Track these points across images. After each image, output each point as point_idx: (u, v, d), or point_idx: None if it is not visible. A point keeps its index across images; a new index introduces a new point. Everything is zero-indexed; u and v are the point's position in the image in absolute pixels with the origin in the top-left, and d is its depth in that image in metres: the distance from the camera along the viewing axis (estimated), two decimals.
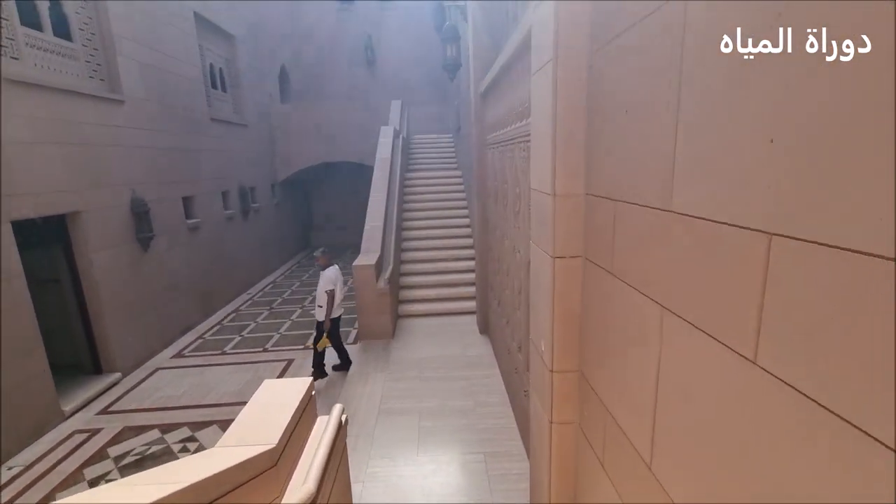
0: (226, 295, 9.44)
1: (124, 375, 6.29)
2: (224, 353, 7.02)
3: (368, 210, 7.25)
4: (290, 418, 2.19)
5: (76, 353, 6.17)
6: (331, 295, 5.50)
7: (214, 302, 8.96)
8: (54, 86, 5.41)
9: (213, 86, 9.83)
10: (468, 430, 4.42)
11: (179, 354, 7.07)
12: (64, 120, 5.57)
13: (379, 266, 6.71)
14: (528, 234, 3.34)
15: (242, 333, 7.83)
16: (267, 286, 10.90)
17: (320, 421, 2.70)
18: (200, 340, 7.61)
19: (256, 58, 12.02)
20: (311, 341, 6.51)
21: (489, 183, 5.74)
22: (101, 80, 6.45)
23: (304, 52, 15.00)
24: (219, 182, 9.45)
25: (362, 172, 12.36)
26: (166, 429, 5.02)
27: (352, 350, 6.50)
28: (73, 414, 5.38)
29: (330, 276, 5.54)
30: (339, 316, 5.78)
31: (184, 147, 8.16)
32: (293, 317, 8.58)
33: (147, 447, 4.72)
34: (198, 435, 4.88)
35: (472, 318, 7.22)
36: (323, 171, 14.86)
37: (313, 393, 2.67)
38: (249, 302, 9.67)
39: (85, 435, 4.94)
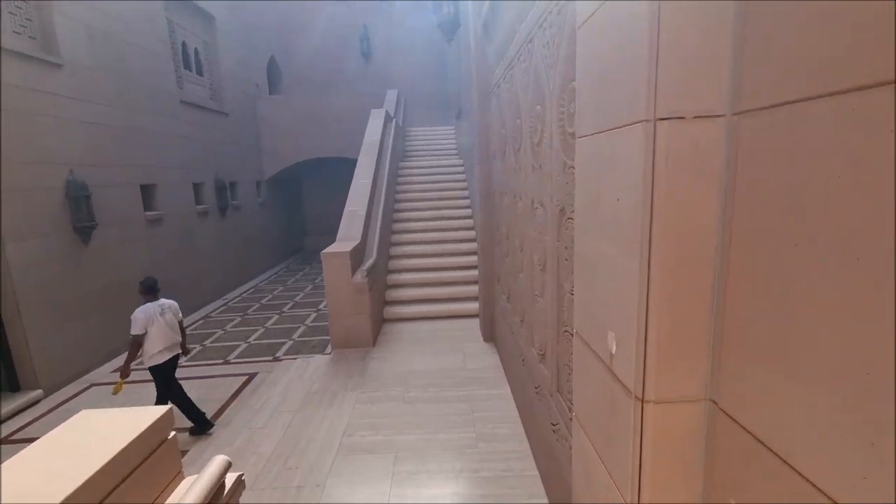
0: (195, 299, 8.31)
1: (48, 393, 5.14)
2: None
3: (350, 194, 6.14)
4: (91, 473, 1.04)
5: None
6: (135, 342, 4.07)
7: (182, 306, 7.80)
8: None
9: (187, 66, 8.85)
10: (467, 479, 3.11)
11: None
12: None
13: (357, 257, 5.58)
14: (556, 170, 2.18)
15: (205, 343, 6.68)
16: (247, 291, 9.77)
17: (187, 483, 1.53)
18: None
19: (243, 45, 11.09)
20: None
21: (494, 138, 4.58)
22: (32, 37, 5.43)
23: (296, 43, 14.12)
24: (189, 172, 8.40)
25: None
26: None
27: (319, 362, 5.31)
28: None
29: (139, 318, 4.03)
30: (168, 362, 4.25)
31: (143, 128, 7.12)
32: (268, 323, 7.42)
33: None
34: None
35: (475, 323, 6.03)
36: (316, 172, 13.85)
37: (171, 434, 1.51)
38: (223, 308, 8.54)
39: None
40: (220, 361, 5.94)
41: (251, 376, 5.38)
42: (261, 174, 11.85)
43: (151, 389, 4.40)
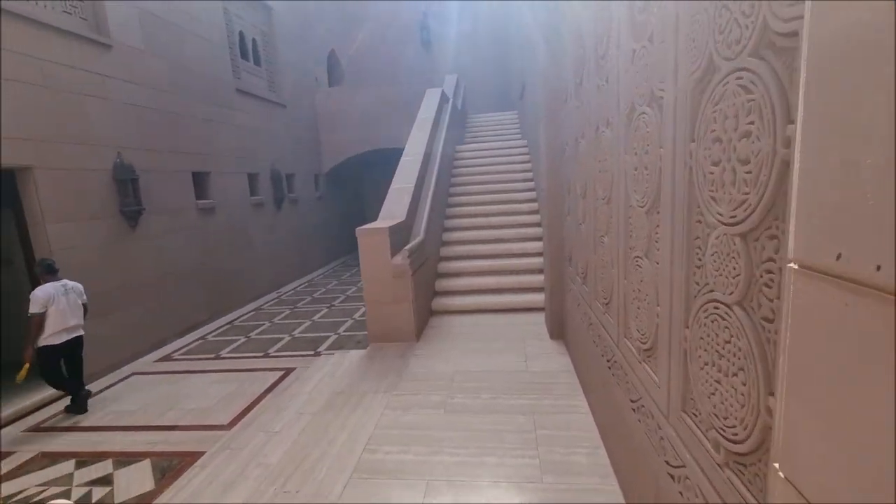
0: (249, 291, 8.14)
1: (87, 382, 4.97)
2: (218, 358, 5.55)
3: (397, 171, 5.50)
4: None
5: None
6: (35, 321, 3.88)
7: (233, 298, 7.67)
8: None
9: (244, 56, 8.77)
10: None
11: (167, 357, 5.70)
12: (21, 53, 4.44)
13: (400, 236, 4.92)
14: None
15: (250, 335, 6.36)
16: (301, 285, 9.54)
17: None
18: (200, 342, 6.23)
19: (301, 37, 10.99)
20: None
21: (568, 65, 3.65)
22: (83, 18, 5.37)
23: (355, 34, 13.95)
24: (244, 162, 8.27)
25: None
26: (86, 460, 3.49)
27: (354, 358, 4.68)
28: (6, 425, 4.08)
29: (38, 297, 3.90)
30: (63, 344, 4.07)
31: (196, 115, 7.01)
32: (315, 316, 7.00)
33: (44, 487, 3.21)
34: (119, 474, 3.28)
35: (540, 318, 5.15)
36: (375, 165, 13.55)
37: None
38: (275, 300, 8.30)
39: None
40: (261, 354, 5.54)
41: (288, 371, 4.89)
42: (319, 167, 11.69)
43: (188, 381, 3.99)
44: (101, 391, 4.81)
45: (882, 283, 0.70)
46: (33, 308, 3.92)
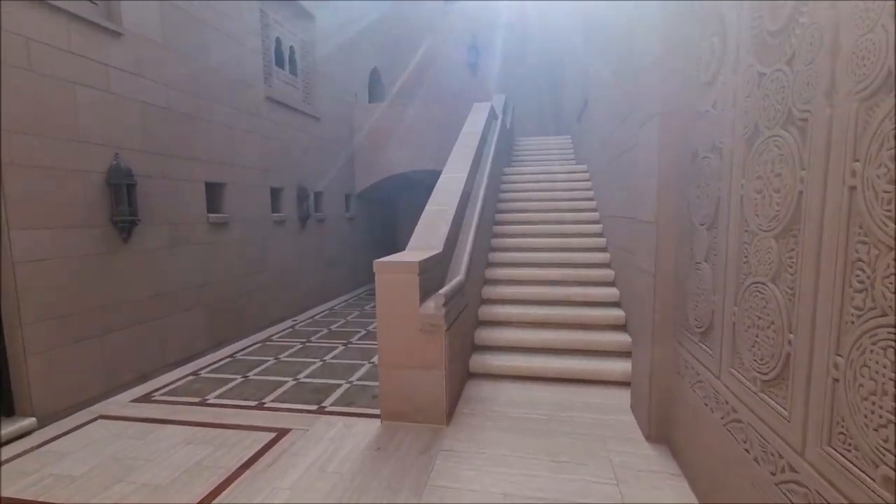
0: (261, 318, 7.23)
1: (42, 424, 4.07)
2: (203, 404, 4.55)
3: (435, 190, 4.46)
4: None
5: None
6: None
7: (241, 325, 6.76)
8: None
9: (279, 63, 8.17)
10: None
11: (147, 397, 4.76)
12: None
13: (434, 273, 3.71)
14: None
15: (249, 374, 5.37)
16: (320, 313, 8.59)
17: None
18: (191, 378, 5.28)
19: (344, 51, 10.43)
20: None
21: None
22: (93, 2, 4.75)
23: (400, 53, 13.42)
24: (268, 175, 7.52)
25: None
26: None
27: (360, 439, 3.52)
28: None
29: None
30: None
31: (216, 119, 6.31)
32: (328, 356, 5.96)
33: None
34: None
35: (620, 396, 3.88)
36: (411, 189, 12.75)
37: None
38: (289, 331, 7.34)
39: None
40: (254, 404, 4.50)
41: (280, 434, 3.82)
42: (352, 187, 10.93)
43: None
44: (55, 438, 3.87)
45: None
46: None
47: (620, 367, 4.10)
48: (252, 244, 7.07)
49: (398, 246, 13.61)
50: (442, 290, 3.25)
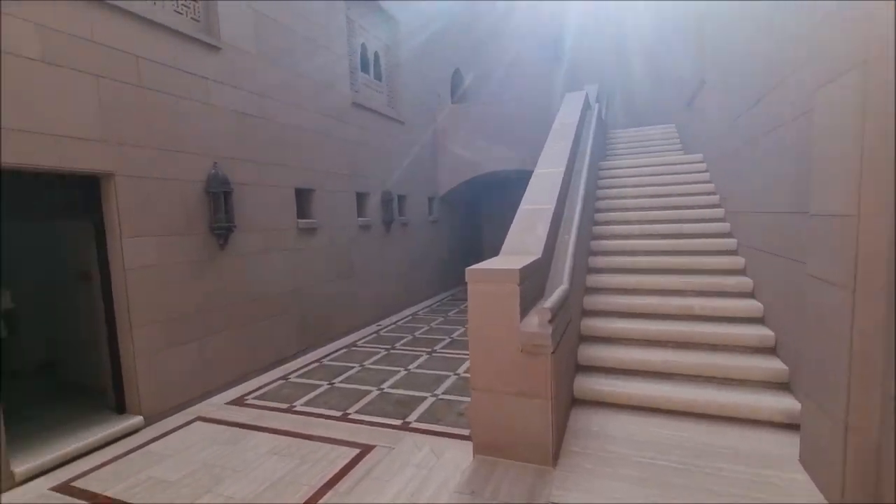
0: (347, 321, 7.25)
1: (148, 422, 4.25)
2: (290, 410, 4.51)
3: (528, 189, 3.98)
4: None
5: (98, 380, 4.43)
6: None
7: (328, 330, 6.81)
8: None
9: (364, 69, 8.21)
10: None
11: (240, 400, 4.84)
12: (116, 48, 4.01)
13: (533, 282, 3.15)
14: None
15: (335, 381, 5.30)
16: (404, 319, 8.47)
17: None
18: (281, 382, 5.33)
19: (427, 52, 10.32)
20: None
21: None
22: (195, 19, 4.97)
23: (483, 52, 13.08)
24: (353, 180, 7.54)
25: None
26: None
27: (448, 474, 3.11)
28: (27, 481, 3.39)
29: None
30: None
31: (306, 127, 6.40)
32: (413, 364, 5.73)
33: None
34: None
35: (783, 441, 3.12)
36: (496, 191, 12.36)
37: None
38: (373, 336, 7.28)
39: None
40: (339, 415, 4.36)
41: (364, 451, 3.60)
42: (434, 190, 10.78)
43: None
44: (157, 438, 4.00)
45: None
46: None
47: (772, 402, 3.28)
48: (338, 249, 7.11)
49: (482, 249, 13.27)
50: (547, 303, 2.71)
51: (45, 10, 3.53)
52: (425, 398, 4.65)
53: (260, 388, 5.17)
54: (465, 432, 3.67)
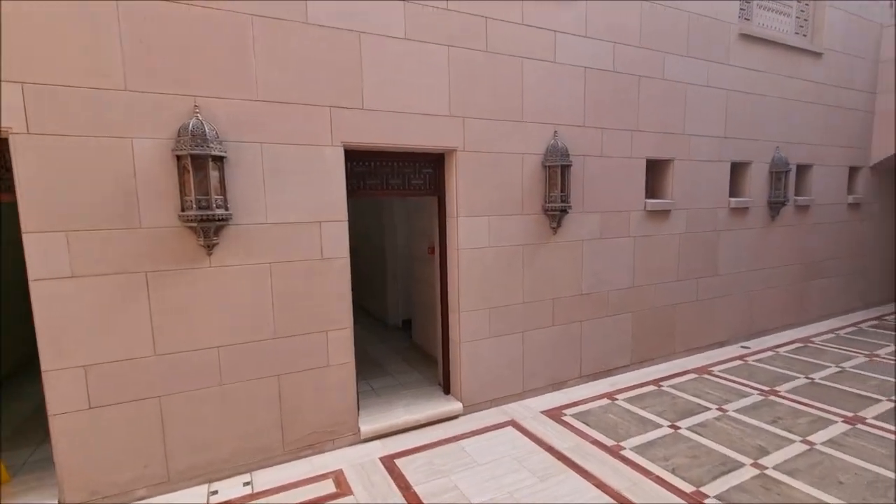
0: (696, 337, 5.52)
1: (466, 410, 4.07)
2: (615, 453, 3.43)
3: None
4: None
5: (434, 352, 4.56)
6: None
7: (671, 342, 5.31)
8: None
9: None
10: None
11: (557, 412, 4.11)
12: (465, 12, 3.73)
13: None
14: None
15: (679, 424, 3.86)
16: (787, 344, 5.92)
17: None
18: (606, 401, 4.32)
19: None
20: None
21: None
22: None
23: None
24: (727, 145, 5.48)
25: None
26: None
27: None
28: (369, 440, 3.66)
29: None
30: None
31: (666, 76, 4.87)
32: (815, 434, 3.59)
33: None
34: None
35: None
36: None
37: None
38: (736, 363, 5.27)
39: (312, 486, 3.02)
40: (687, 491, 2.98)
41: None
42: (864, 156, 7.03)
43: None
44: (470, 434, 3.74)
45: None
46: None
47: None
48: (698, 239, 5.35)
49: None
50: None
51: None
52: None
53: (580, 402, 4.32)
54: None
